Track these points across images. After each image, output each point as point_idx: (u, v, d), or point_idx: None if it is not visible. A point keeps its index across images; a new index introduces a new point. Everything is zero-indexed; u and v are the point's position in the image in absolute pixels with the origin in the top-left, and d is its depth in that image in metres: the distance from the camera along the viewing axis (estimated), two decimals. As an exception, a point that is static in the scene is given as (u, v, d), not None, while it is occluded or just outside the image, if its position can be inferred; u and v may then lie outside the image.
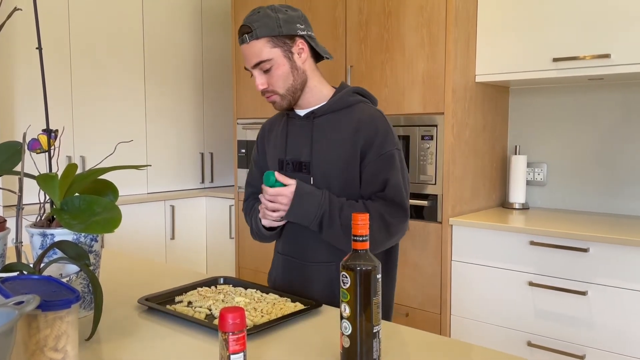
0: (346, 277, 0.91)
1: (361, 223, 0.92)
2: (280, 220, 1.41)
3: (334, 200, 1.36)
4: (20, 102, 2.82)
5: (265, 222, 1.43)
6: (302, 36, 1.38)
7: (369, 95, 1.48)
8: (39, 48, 1.08)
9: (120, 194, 2.65)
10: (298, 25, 1.37)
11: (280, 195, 1.34)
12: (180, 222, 3.40)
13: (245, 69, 1.41)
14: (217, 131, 3.79)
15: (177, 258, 3.40)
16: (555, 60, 2.27)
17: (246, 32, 1.35)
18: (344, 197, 1.39)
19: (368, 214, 0.93)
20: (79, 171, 3.23)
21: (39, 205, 1.16)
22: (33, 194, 2.63)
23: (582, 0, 2.22)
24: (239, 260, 3.34)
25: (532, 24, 2.35)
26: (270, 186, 1.34)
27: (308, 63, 1.41)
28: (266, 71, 1.37)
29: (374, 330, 0.91)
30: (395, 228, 1.36)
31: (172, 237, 3.35)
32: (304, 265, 1.46)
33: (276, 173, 1.34)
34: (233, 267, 3.43)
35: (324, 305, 1.24)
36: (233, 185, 3.85)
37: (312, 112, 1.44)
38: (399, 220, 1.36)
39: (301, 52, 1.38)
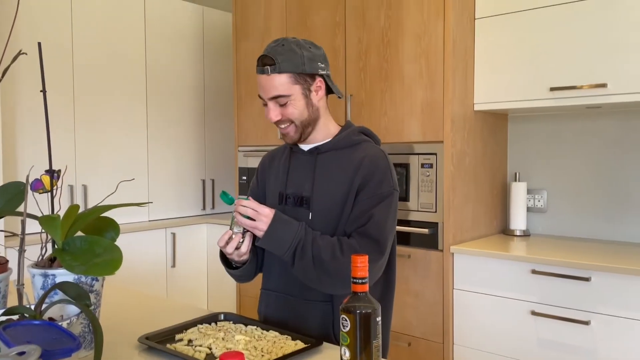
0: (346, 320, 0.91)
1: (360, 265, 0.93)
2: (243, 256, 1.39)
3: (309, 232, 1.35)
4: (22, 139, 2.84)
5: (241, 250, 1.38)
6: (321, 75, 1.40)
7: (372, 136, 1.49)
8: (43, 91, 1.10)
9: (121, 222, 2.65)
10: (319, 64, 1.38)
11: (262, 214, 1.32)
12: (181, 249, 3.39)
13: (260, 97, 1.40)
14: (219, 158, 3.81)
15: (178, 286, 3.38)
16: (553, 89, 2.30)
17: (269, 64, 1.34)
18: (341, 235, 1.38)
19: (367, 256, 0.94)
20: (81, 201, 3.25)
21: (40, 239, 1.16)
22: (36, 227, 2.65)
23: (579, 31, 2.25)
24: (240, 287, 3.33)
25: (530, 54, 2.38)
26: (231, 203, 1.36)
27: (322, 101, 1.43)
28: (282, 105, 1.37)
29: (374, 374, 0.90)
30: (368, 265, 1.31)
31: (173, 265, 3.34)
32: (298, 303, 1.43)
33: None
34: (234, 295, 3.41)
35: (324, 343, 1.24)
36: (234, 212, 3.84)
37: (316, 147, 1.44)
38: (372, 257, 1.30)
39: (318, 90, 1.40)
